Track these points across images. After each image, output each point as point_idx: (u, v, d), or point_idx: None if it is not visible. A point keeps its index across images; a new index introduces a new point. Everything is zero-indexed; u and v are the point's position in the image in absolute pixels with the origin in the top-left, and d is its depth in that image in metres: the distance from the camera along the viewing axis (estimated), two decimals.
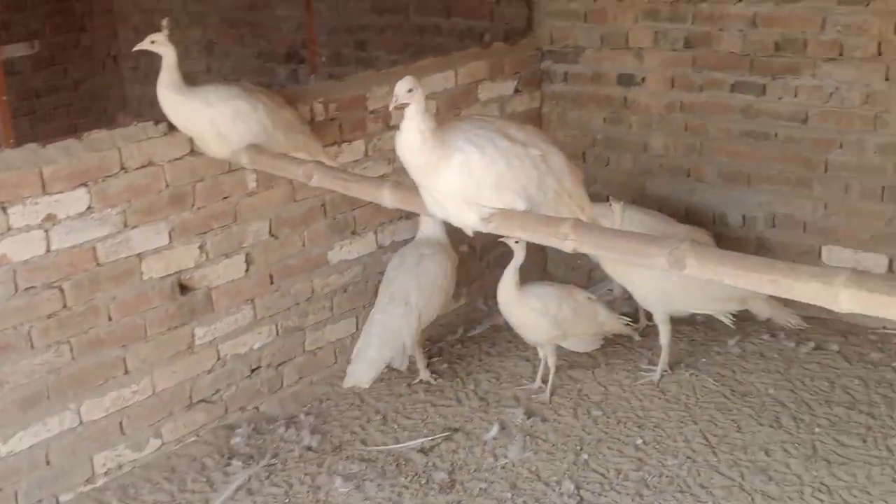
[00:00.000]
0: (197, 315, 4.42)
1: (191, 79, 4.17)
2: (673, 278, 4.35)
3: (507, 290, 4.50)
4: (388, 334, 4.51)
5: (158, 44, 3.94)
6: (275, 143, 4.15)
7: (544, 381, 4.74)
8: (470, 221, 3.10)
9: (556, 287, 4.72)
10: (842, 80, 4.99)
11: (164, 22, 3.98)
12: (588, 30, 5.77)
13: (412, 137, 2.99)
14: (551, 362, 4.68)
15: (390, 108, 3.07)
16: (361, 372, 4.48)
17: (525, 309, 4.52)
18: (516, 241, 4.35)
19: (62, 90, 8.25)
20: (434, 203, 3.16)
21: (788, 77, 5.14)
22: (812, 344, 4.99)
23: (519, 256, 4.44)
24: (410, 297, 4.60)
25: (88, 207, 3.98)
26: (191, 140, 4.25)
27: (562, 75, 5.93)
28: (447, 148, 3.01)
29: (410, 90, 2.97)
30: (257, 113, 4.06)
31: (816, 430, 4.31)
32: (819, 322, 5.10)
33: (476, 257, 5.69)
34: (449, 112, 5.34)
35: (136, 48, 4.01)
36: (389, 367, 4.92)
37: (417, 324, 4.59)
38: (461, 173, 2.97)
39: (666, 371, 4.80)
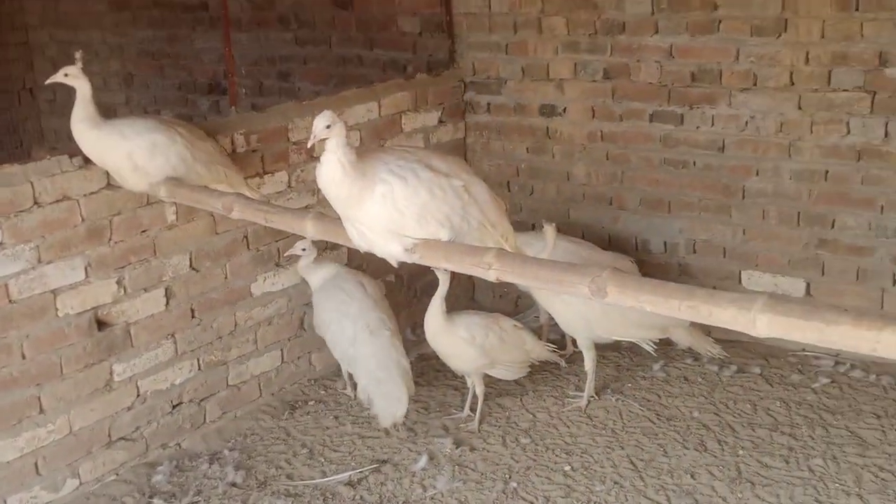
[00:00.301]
0: (115, 351, 4.31)
1: (110, 111, 4.11)
2: (594, 305, 4.38)
3: (435, 320, 4.48)
4: (390, 363, 4.50)
5: (72, 77, 3.87)
6: (195, 176, 4.08)
7: (472, 409, 4.73)
8: (394, 252, 3.09)
9: (483, 316, 4.72)
10: (757, 109, 5.12)
11: (78, 54, 3.91)
12: (509, 61, 5.84)
13: (333, 170, 2.97)
14: (479, 391, 4.67)
15: (308, 145, 3.04)
16: (395, 405, 4.44)
17: (453, 338, 4.50)
18: (444, 270, 4.34)
19: None
20: (358, 234, 3.14)
21: (705, 106, 5.26)
22: (734, 367, 5.07)
23: (444, 285, 4.43)
24: (387, 322, 4.65)
25: (0, 243, 3.87)
26: (107, 173, 4.17)
27: (485, 106, 5.97)
28: (369, 179, 3.00)
29: (328, 126, 2.95)
30: (175, 145, 3.99)
31: (740, 452, 4.37)
32: (741, 346, 5.19)
33: (403, 287, 5.68)
34: (373, 143, 5.33)
35: (48, 81, 3.93)
36: (316, 401, 4.89)
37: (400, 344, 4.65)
38: (384, 204, 2.97)
39: (592, 397, 4.83)
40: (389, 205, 2.96)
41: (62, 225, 4.07)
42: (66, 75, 3.87)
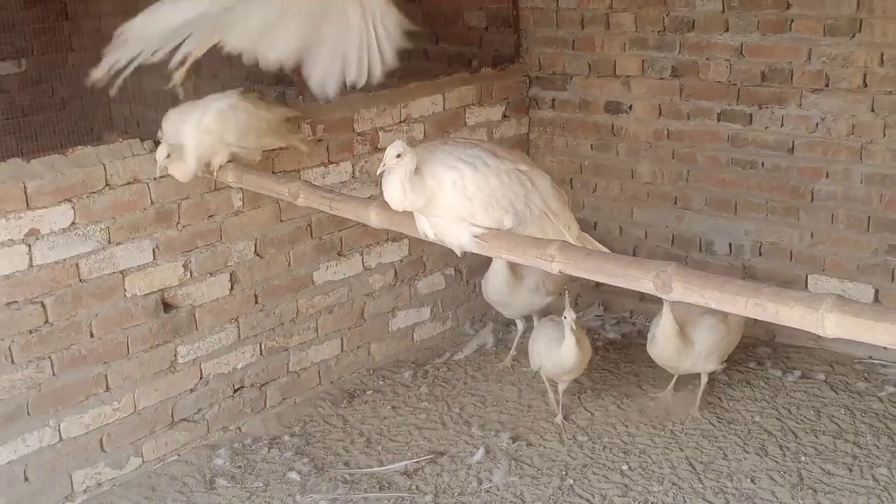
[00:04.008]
0: (180, 333, 4.38)
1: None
2: None
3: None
4: None
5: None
6: (264, 123, 4.21)
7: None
8: (463, 240, 3.11)
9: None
10: (828, 110, 5.02)
11: (160, 135, 4.10)
12: (576, 57, 5.80)
13: (395, 193, 3.02)
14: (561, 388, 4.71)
15: (377, 172, 3.07)
16: None
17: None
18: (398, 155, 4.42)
19: (49, 109, 8.22)
20: (426, 224, 3.16)
21: (775, 106, 5.17)
22: (798, 373, 4.98)
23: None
24: None
25: (72, 223, 3.96)
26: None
27: (549, 102, 5.95)
28: (437, 177, 3.03)
29: (398, 155, 2.98)
30: (236, 110, 4.11)
31: (802, 458, 4.30)
32: (805, 351, 5.10)
33: (462, 281, 5.68)
34: (437, 136, 5.34)
35: (157, 173, 4.11)
36: (374, 391, 4.93)
37: None
38: (455, 191, 3.00)
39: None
40: (460, 192, 2.99)
41: (132, 207, 4.15)
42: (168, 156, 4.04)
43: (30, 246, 3.86)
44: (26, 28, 8.01)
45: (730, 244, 5.47)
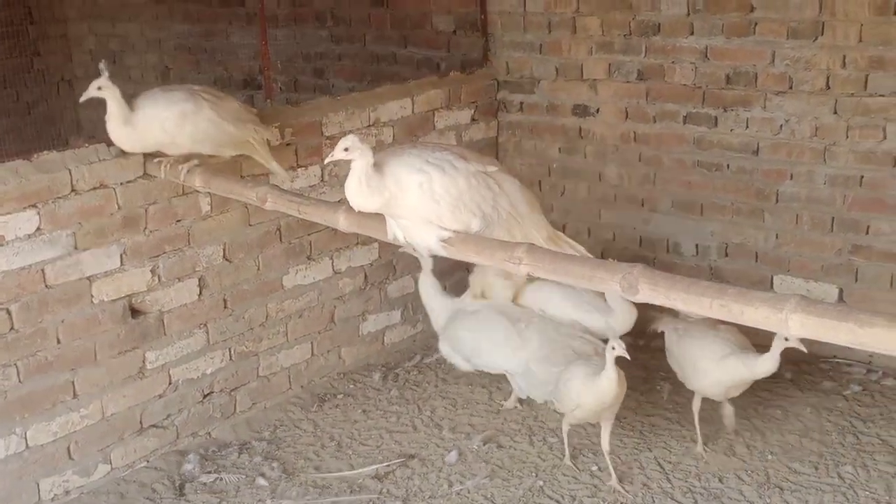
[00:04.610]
0: (148, 339, 4.36)
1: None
2: None
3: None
4: None
5: (105, 89, 3.96)
6: (226, 137, 4.17)
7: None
8: (430, 243, 3.13)
9: None
10: (791, 112, 5.09)
11: (102, 65, 4.00)
12: (543, 61, 5.84)
13: (354, 189, 3.09)
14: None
15: (325, 161, 3.16)
16: None
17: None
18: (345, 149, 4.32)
19: (14, 114, 8.15)
20: (396, 227, 3.18)
21: (740, 109, 5.23)
22: None
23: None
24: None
25: (38, 229, 3.94)
26: (143, 163, 4.22)
27: (518, 105, 5.98)
28: (395, 181, 3.06)
29: (346, 149, 3.08)
30: (202, 111, 4.07)
31: (769, 457, 4.34)
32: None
33: None
34: (406, 140, 5.35)
35: (83, 98, 4.03)
36: (344, 394, 4.93)
37: None
38: (422, 193, 3.03)
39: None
40: (427, 194, 3.02)
41: (99, 212, 4.12)
42: (99, 88, 3.97)
43: None
44: None
45: (696, 245, 5.52)
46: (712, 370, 4.22)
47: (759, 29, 5.08)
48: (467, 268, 5.72)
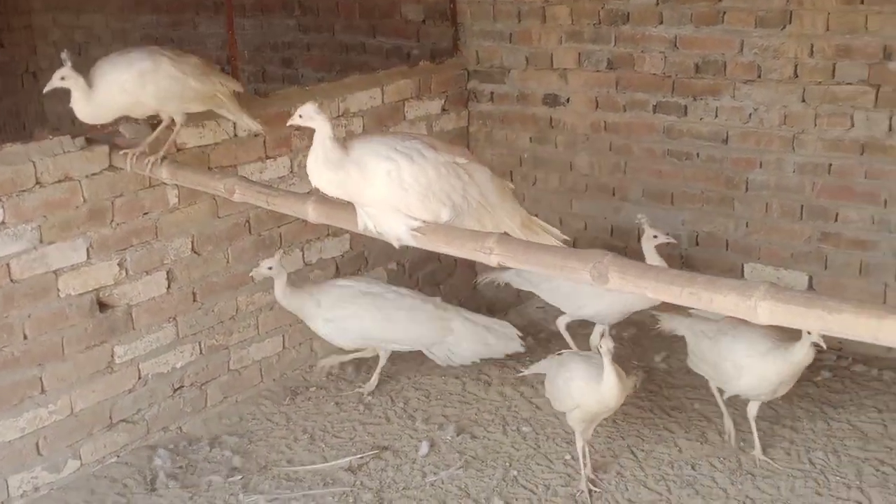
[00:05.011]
0: (117, 333, 4.31)
1: None
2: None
3: None
4: None
5: (68, 79, 3.89)
6: (191, 93, 4.10)
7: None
8: (400, 232, 3.11)
9: None
10: (760, 101, 5.11)
11: (64, 55, 3.93)
12: (513, 50, 5.83)
13: (311, 161, 3.07)
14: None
15: (287, 123, 3.21)
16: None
17: None
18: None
19: None
20: (366, 216, 3.16)
21: (709, 98, 5.25)
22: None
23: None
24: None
25: (2, 222, 3.88)
26: (109, 155, 4.16)
27: (488, 95, 5.97)
28: (358, 165, 3.03)
29: (301, 116, 3.09)
30: (161, 68, 4.00)
31: (742, 444, 4.36)
32: None
33: (405, 274, 5.67)
34: (376, 130, 5.32)
35: (46, 90, 3.94)
36: (317, 387, 4.91)
37: None
38: (390, 181, 3.00)
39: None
40: (395, 183, 3.00)
41: (64, 205, 4.07)
42: (62, 78, 3.89)
43: None
44: None
45: (667, 234, 5.52)
46: (757, 366, 4.03)
47: (728, 18, 5.09)
48: (439, 258, 5.72)
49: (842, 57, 4.85)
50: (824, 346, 3.89)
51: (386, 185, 3.00)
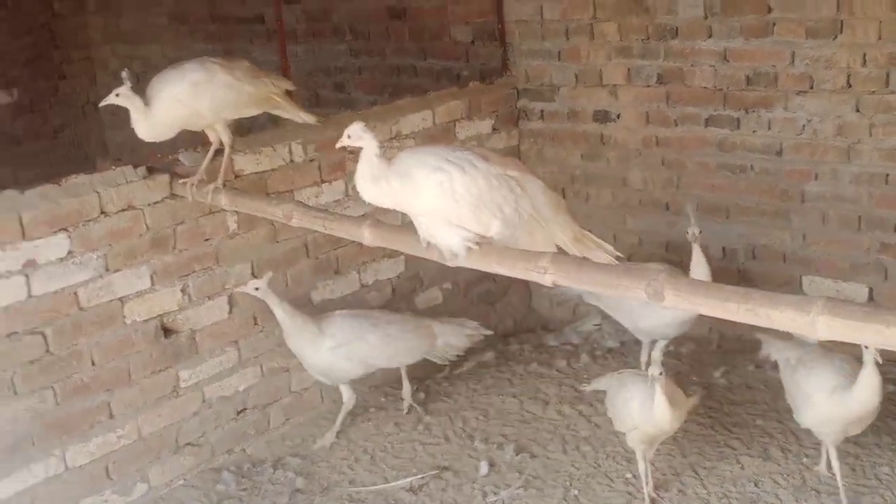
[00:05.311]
0: (181, 358, 4.41)
1: None
2: None
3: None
4: None
5: (123, 96, 3.97)
6: (245, 97, 4.16)
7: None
8: (453, 244, 3.12)
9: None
10: (814, 112, 5.07)
11: (124, 74, 4.00)
12: (562, 68, 5.85)
13: (358, 176, 3.14)
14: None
15: (336, 146, 3.26)
16: None
17: None
18: (256, 288, 4.42)
19: (42, 137, 8.27)
20: (421, 228, 3.20)
21: (761, 110, 5.22)
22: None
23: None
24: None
25: (69, 252, 3.99)
26: (170, 183, 4.26)
27: (538, 113, 5.99)
28: (410, 171, 3.06)
29: (349, 136, 3.15)
30: (216, 77, 4.06)
31: (804, 460, 4.32)
32: None
33: (461, 294, 5.71)
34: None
35: (102, 103, 4.03)
36: (376, 408, 4.95)
37: None
38: (442, 192, 3.00)
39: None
40: (447, 193, 3.00)
41: (128, 234, 4.18)
42: (117, 95, 3.97)
43: (27, 276, 3.88)
44: (17, 57, 8.07)
45: (723, 248, 5.50)
46: (823, 404, 3.84)
47: (778, 29, 5.07)
48: (493, 277, 5.74)
49: (895, 65, 4.80)
50: (880, 360, 3.68)
51: (438, 195, 3.00)
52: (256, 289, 4.41)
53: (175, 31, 8.01)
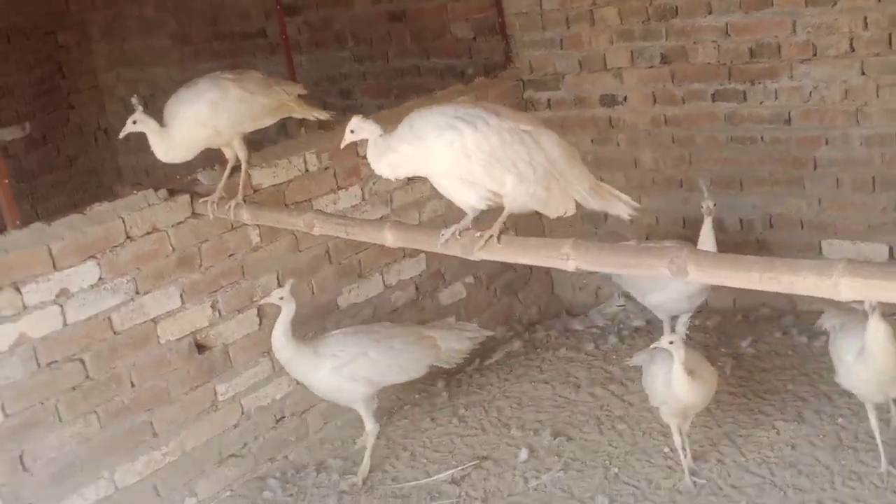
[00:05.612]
0: (217, 372, 4.49)
1: None
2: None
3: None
4: None
5: (140, 122, 4.04)
6: (259, 109, 4.21)
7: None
8: (470, 201, 3.16)
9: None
10: (819, 78, 5.11)
11: (134, 100, 4.07)
12: (565, 56, 5.90)
13: (368, 156, 3.25)
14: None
15: (341, 146, 3.36)
16: None
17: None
18: (280, 297, 4.32)
19: (57, 168, 8.35)
20: (438, 187, 3.25)
21: (767, 81, 5.26)
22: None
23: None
24: None
25: (100, 278, 4.07)
26: (191, 203, 4.34)
27: (545, 102, 6.04)
28: (420, 133, 3.12)
29: (352, 131, 3.25)
30: (230, 93, 4.11)
31: (839, 420, 4.37)
32: None
33: (483, 286, 5.76)
34: None
35: (122, 134, 4.09)
36: (411, 405, 5.01)
37: None
38: (453, 150, 3.03)
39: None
40: (459, 152, 3.02)
41: (155, 256, 4.25)
42: (134, 122, 4.03)
43: (62, 306, 3.96)
44: (26, 91, 8.16)
45: (740, 220, 5.55)
46: (851, 364, 3.85)
47: (777, 0, 5.10)
48: (514, 268, 5.79)
49: None
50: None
51: (449, 155, 3.03)
52: (281, 298, 4.35)
53: (179, 51, 8.08)
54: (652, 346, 4.05)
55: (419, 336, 4.68)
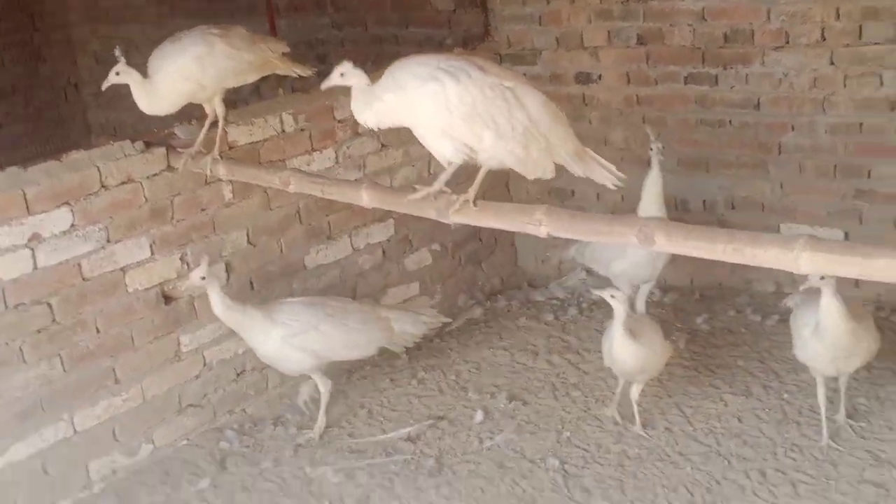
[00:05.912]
0: (181, 323, 4.53)
1: None
2: None
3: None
4: None
5: (123, 74, 4.06)
6: (245, 65, 4.24)
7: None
8: (447, 153, 3.15)
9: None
10: (790, 66, 5.21)
11: (117, 52, 4.08)
12: (544, 32, 5.95)
13: (353, 105, 3.25)
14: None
15: (322, 87, 3.36)
16: None
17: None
18: (202, 278, 4.18)
19: (26, 120, 8.27)
20: (419, 138, 3.26)
21: (739, 66, 5.36)
22: (776, 317, 5.16)
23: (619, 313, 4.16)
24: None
25: (72, 225, 4.10)
26: (167, 156, 4.36)
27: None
28: (402, 82, 3.11)
29: (342, 74, 3.24)
30: (215, 47, 4.12)
31: (785, 395, 4.51)
32: (782, 296, 5.29)
33: (448, 255, 5.83)
34: None
35: (105, 85, 4.10)
36: (371, 365, 5.07)
37: None
38: (436, 102, 3.03)
39: None
40: (441, 103, 3.02)
41: (128, 206, 4.28)
42: (117, 73, 4.05)
43: (33, 250, 3.99)
44: None
45: (704, 201, 5.66)
46: (806, 339, 4.00)
47: None
48: (480, 237, 5.87)
49: (868, 18, 4.94)
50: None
51: (431, 106, 3.03)
52: (203, 278, 4.19)
53: (156, 9, 8.03)
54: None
55: (375, 316, 4.63)
